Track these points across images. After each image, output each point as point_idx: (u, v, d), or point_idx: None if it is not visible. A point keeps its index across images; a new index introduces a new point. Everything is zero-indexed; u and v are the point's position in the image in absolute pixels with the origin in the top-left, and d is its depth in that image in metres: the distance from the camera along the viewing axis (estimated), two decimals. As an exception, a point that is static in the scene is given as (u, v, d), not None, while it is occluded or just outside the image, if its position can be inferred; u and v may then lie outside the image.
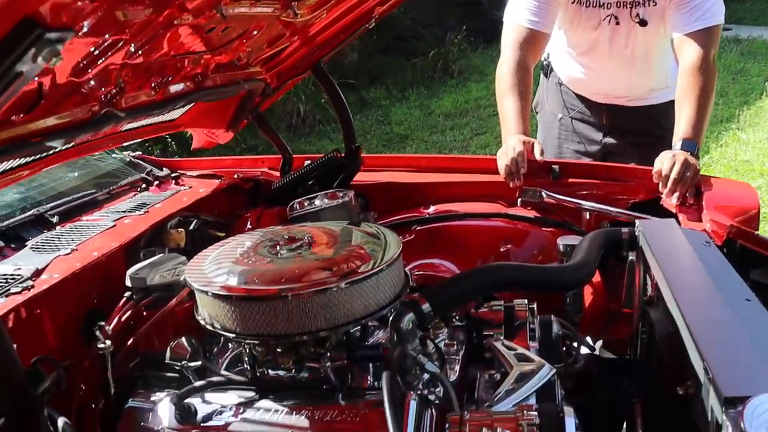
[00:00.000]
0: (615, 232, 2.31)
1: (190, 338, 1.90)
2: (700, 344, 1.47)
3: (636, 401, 2.03)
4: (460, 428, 1.58)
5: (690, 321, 1.57)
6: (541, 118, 3.75)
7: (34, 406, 1.33)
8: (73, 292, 1.96)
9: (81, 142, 2.03)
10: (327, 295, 1.66)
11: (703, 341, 1.48)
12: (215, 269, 1.82)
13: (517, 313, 2.09)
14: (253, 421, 1.70)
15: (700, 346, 1.47)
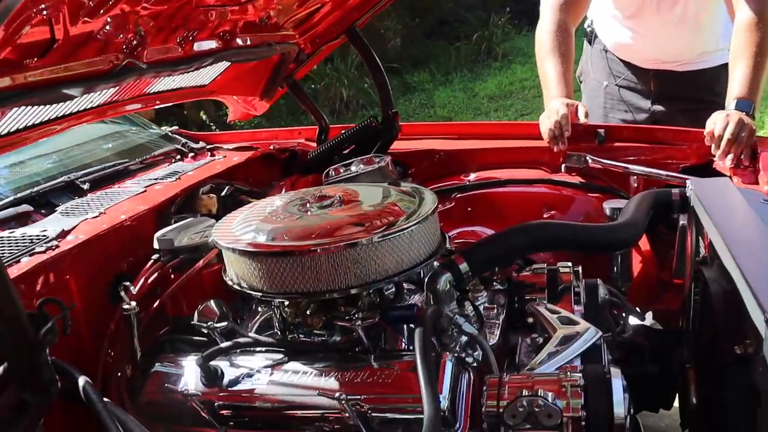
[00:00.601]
0: (665, 193, 2.18)
1: (218, 301, 1.84)
2: (762, 299, 1.35)
3: (689, 367, 1.90)
4: (498, 390, 1.48)
5: (750, 276, 1.44)
6: (585, 87, 3.59)
7: (35, 348, 1.27)
8: (100, 255, 1.91)
9: (108, 102, 1.99)
10: (357, 250, 1.57)
11: (764, 296, 1.35)
12: (243, 228, 1.75)
13: (561, 276, 1.97)
14: (281, 383, 1.62)
15: (762, 300, 1.34)
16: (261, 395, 1.62)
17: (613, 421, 1.42)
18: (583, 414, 1.42)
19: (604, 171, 2.65)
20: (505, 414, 1.43)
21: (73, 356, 1.79)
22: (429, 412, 1.33)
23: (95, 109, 1.95)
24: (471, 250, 1.77)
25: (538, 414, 1.41)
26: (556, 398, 1.43)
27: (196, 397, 1.65)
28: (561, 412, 1.41)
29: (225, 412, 1.65)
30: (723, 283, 1.63)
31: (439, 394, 1.48)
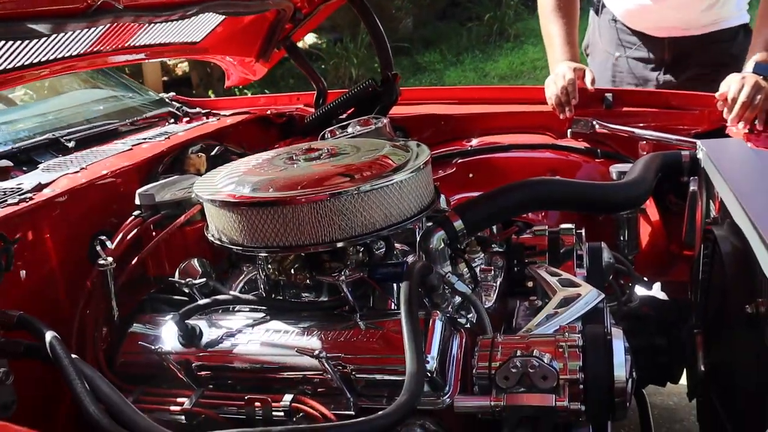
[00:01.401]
0: (674, 155, 2.07)
1: (202, 260, 1.75)
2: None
3: (697, 333, 1.79)
4: (491, 351, 1.38)
5: (764, 230, 1.34)
6: (592, 60, 3.43)
7: None
8: (78, 210, 1.82)
9: (89, 51, 1.89)
10: (341, 200, 1.47)
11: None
12: (226, 180, 1.66)
13: (563, 238, 1.87)
14: (261, 343, 1.53)
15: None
16: (240, 355, 1.53)
17: (614, 384, 1.32)
18: (581, 376, 1.32)
19: (612, 136, 2.54)
20: (497, 376, 1.33)
21: (49, 314, 1.71)
22: (411, 369, 1.23)
23: (75, 59, 1.86)
24: (466, 207, 1.67)
25: (533, 375, 1.31)
26: (552, 359, 1.33)
27: (172, 356, 1.56)
28: (557, 374, 1.31)
29: (203, 373, 1.56)
30: (734, 241, 1.53)
31: (427, 354, 1.39)
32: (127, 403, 1.31)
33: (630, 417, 2.28)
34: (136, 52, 2.08)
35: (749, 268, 1.38)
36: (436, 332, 1.43)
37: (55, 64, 1.74)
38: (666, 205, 2.52)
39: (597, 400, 1.32)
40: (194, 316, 1.63)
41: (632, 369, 1.37)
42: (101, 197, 1.90)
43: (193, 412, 1.50)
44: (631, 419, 2.28)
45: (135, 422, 1.25)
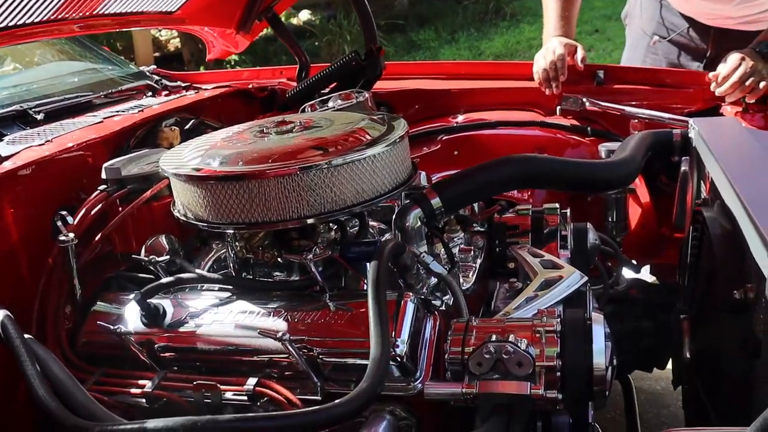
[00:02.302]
0: (665, 133, 1.99)
1: (170, 237, 1.68)
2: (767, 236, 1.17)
3: (683, 318, 1.73)
4: (464, 335, 1.31)
5: (755, 212, 1.27)
6: (629, 33, 3.26)
7: None
8: (40, 184, 1.74)
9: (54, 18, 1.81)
10: (310, 175, 1.39)
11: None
12: (192, 154, 1.58)
13: (547, 218, 1.80)
14: (226, 324, 1.46)
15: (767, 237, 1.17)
16: (204, 337, 1.46)
17: (593, 372, 1.25)
18: (558, 363, 1.25)
19: (603, 114, 2.47)
20: (470, 361, 1.26)
21: (11, 292, 1.64)
22: (375, 354, 1.16)
23: (39, 26, 1.77)
24: (444, 184, 1.60)
25: (507, 362, 1.24)
26: (529, 345, 1.26)
27: (134, 337, 1.49)
28: (533, 360, 1.24)
29: (166, 355, 1.49)
30: (723, 223, 1.46)
31: (397, 338, 1.32)
32: (79, 387, 1.25)
33: (616, 402, 2.24)
34: (106, 21, 1.98)
35: (739, 252, 1.31)
36: (407, 315, 1.36)
37: (15, 30, 1.64)
38: (657, 185, 2.45)
39: (575, 388, 1.25)
40: (159, 295, 1.56)
41: (613, 356, 1.31)
42: (66, 171, 1.82)
43: (155, 396, 1.44)
44: (617, 405, 2.22)
45: (85, 407, 1.18)
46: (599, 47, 8.54)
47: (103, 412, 1.17)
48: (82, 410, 1.17)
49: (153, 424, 1.03)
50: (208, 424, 0.98)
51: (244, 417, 1.02)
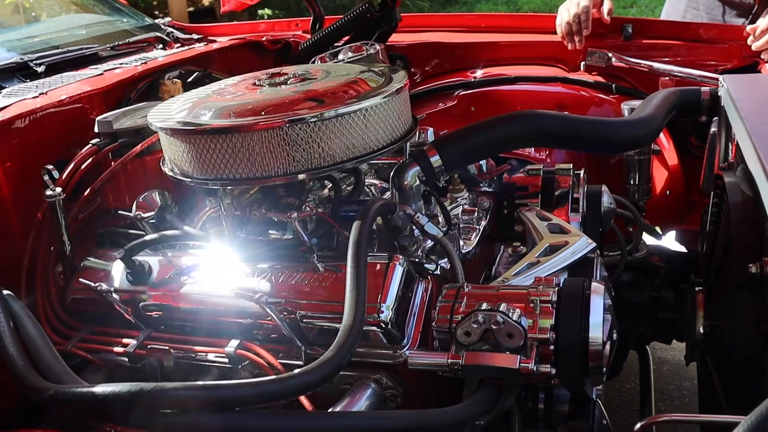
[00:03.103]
0: (692, 91, 1.85)
1: (162, 192, 1.62)
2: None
3: (699, 291, 1.62)
4: (454, 302, 1.23)
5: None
6: None
7: None
8: (32, 137, 1.69)
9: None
10: (296, 129, 1.31)
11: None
12: (181, 107, 1.51)
13: (559, 179, 1.69)
14: (209, 284, 1.40)
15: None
16: (187, 296, 1.40)
17: (588, 347, 1.16)
18: (552, 336, 1.16)
19: (630, 71, 2.33)
20: (457, 330, 1.18)
21: (2, 247, 1.61)
22: (347, 321, 1.08)
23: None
24: (445, 141, 1.50)
25: (497, 332, 1.16)
26: (521, 315, 1.17)
27: (117, 294, 1.44)
28: (524, 332, 1.15)
29: (150, 314, 1.44)
30: (744, 190, 1.34)
31: (382, 303, 1.24)
32: (49, 348, 1.20)
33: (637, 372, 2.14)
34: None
35: (758, 222, 1.20)
36: (395, 279, 1.28)
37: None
38: (687, 147, 2.32)
39: (569, 363, 1.16)
40: (148, 253, 1.51)
41: (613, 330, 1.21)
42: (60, 124, 1.76)
43: (136, 355, 1.39)
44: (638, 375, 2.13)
45: (50, 368, 1.13)
46: (642, 3, 8.23)
47: (68, 374, 1.12)
48: (47, 371, 1.13)
49: (101, 389, 0.98)
50: (154, 390, 0.92)
51: (192, 385, 0.96)
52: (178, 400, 0.92)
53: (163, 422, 0.94)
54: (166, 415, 0.93)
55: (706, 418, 0.92)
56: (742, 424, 0.76)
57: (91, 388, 0.99)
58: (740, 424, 0.77)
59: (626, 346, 2.01)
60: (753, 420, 0.77)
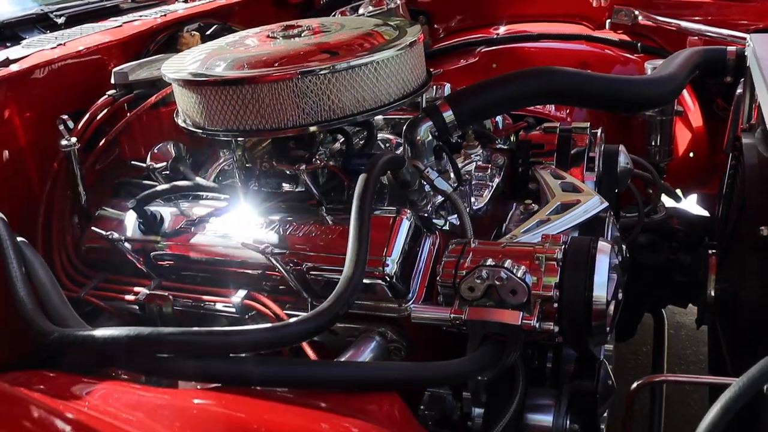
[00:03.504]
0: (717, 51, 1.80)
1: (177, 144, 1.63)
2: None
3: (712, 254, 1.59)
4: (459, 257, 1.23)
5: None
6: None
7: None
8: (49, 88, 1.69)
9: None
10: (306, 81, 1.30)
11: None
12: (194, 58, 1.50)
13: (575, 138, 1.67)
14: (218, 235, 1.41)
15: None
16: (197, 246, 1.42)
17: (592, 306, 1.15)
18: (555, 294, 1.15)
19: (657, 30, 2.28)
20: (461, 285, 1.18)
21: (19, 194, 1.63)
22: (346, 273, 1.08)
23: None
24: (459, 96, 1.48)
25: (500, 289, 1.15)
26: (526, 273, 1.17)
27: (129, 244, 1.45)
28: (528, 289, 1.14)
29: (161, 263, 1.46)
30: (762, 152, 1.30)
31: (388, 256, 1.24)
32: (58, 293, 1.22)
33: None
34: None
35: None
36: (401, 232, 1.27)
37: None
38: (713, 109, 2.27)
39: (572, 322, 1.15)
40: (162, 204, 1.52)
41: (618, 290, 1.20)
42: (78, 75, 1.77)
43: (146, 303, 1.41)
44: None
45: (57, 312, 1.15)
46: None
47: (74, 318, 1.14)
48: (55, 315, 1.15)
49: (101, 333, 0.99)
50: (151, 335, 0.94)
51: (187, 331, 0.97)
52: (174, 345, 0.94)
53: (159, 367, 0.95)
54: (162, 360, 0.95)
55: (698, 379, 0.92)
56: (732, 387, 0.75)
57: (91, 332, 1.01)
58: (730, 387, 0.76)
59: (641, 309, 1.99)
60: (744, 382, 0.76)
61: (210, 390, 0.91)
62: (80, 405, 0.83)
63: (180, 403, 0.83)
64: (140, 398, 0.86)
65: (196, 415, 0.80)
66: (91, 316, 1.53)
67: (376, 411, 0.92)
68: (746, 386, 0.74)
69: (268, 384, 0.94)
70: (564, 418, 1.28)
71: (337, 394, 0.95)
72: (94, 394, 0.89)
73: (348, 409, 0.90)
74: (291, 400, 0.90)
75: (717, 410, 0.73)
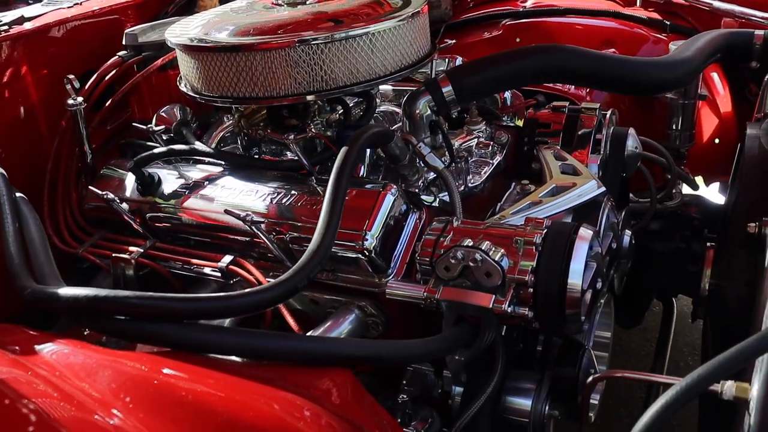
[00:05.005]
0: (743, 34, 1.72)
1: (183, 107, 1.64)
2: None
3: (710, 247, 1.54)
4: (439, 236, 1.22)
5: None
6: None
7: None
8: (60, 46, 1.72)
9: None
10: (298, 51, 1.29)
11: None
12: (198, 24, 1.51)
13: (584, 119, 1.62)
14: (209, 199, 1.42)
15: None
16: (188, 210, 1.43)
17: (566, 293, 1.13)
18: (530, 279, 1.14)
19: (690, 9, 2.19)
20: (437, 265, 1.17)
21: (28, 152, 1.67)
22: (313, 246, 1.08)
23: None
24: (460, 71, 1.46)
25: (475, 270, 1.14)
26: (504, 255, 1.15)
27: (126, 204, 1.48)
28: (502, 272, 1.13)
29: (156, 225, 1.48)
30: (764, 144, 1.25)
31: (367, 231, 1.24)
32: (45, 250, 1.24)
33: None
34: None
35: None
36: (383, 208, 1.26)
37: None
38: (745, 95, 2.19)
39: (545, 308, 1.14)
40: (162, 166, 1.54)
41: (597, 279, 1.17)
42: (93, 35, 1.79)
43: (139, 263, 1.43)
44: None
45: (40, 269, 1.18)
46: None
47: (53, 276, 1.16)
48: (38, 272, 1.17)
49: (65, 292, 1.01)
50: (108, 297, 0.95)
51: (144, 295, 0.98)
52: (130, 308, 0.95)
53: (116, 328, 0.97)
54: (119, 321, 0.96)
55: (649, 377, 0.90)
56: (672, 388, 0.74)
57: (57, 290, 1.03)
58: (671, 388, 0.74)
59: (648, 297, 1.95)
60: (687, 383, 0.74)
61: (155, 355, 0.92)
62: (21, 359, 0.85)
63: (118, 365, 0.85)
64: (86, 358, 0.88)
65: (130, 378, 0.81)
66: (89, 273, 1.57)
67: (327, 386, 0.92)
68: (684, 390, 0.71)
69: (216, 351, 0.95)
70: (543, 403, 1.27)
71: (291, 367, 0.96)
72: (43, 350, 0.91)
73: (297, 382, 0.91)
74: (238, 371, 0.91)
75: (651, 413, 0.71)
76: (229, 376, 0.86)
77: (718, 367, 0.72)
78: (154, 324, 0.95)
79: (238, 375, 0.87)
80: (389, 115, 1.66)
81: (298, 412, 0.84)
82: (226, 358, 0.97)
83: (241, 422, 0.81)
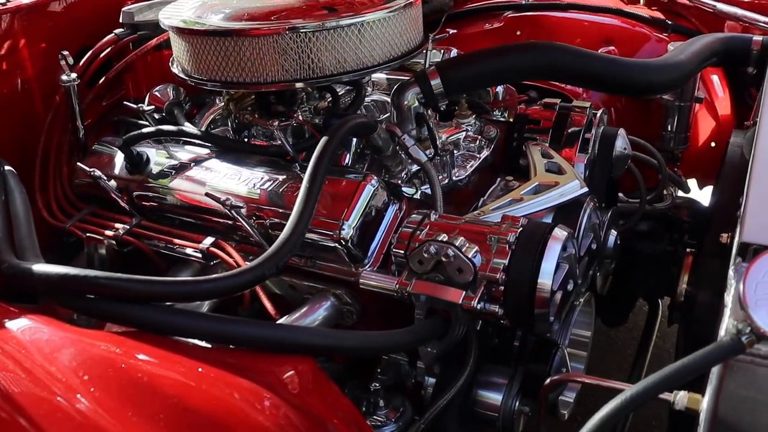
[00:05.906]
0: (741, 39, 1.71)
1: (177, 87, 1.65)
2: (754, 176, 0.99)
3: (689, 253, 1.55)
4: (416, 229, 1.23)
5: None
6: None
7: None
8: (58, 23, 1.73)
9: None
10: (287, 39, 1.30)
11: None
12: (193, 6, 1.51)
13: (574, 117, 1.62)
14: (195, 181, 1.43)
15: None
16: (172, 190, 1.44)
17: (535, 293, 1.14)
18: (501, 276, 1.15)
19: (694, 10, 2.18)
20: (411, 258, 1.18)
21: (24, 125, 1.69)
22: (284, 234, 1.09)
23: None
24: (450, 64, 1.47)
25: (447, 266, 1.15)
26: (477, 252, 1.16)
27: (112, 181, 1.49)
28: (474, 268, 1.14)
29: (142, 203, 1.49)
30: (745, 153, 1.25)
31: (345, 221, 1.25)
32: (28, 224, 1.26)
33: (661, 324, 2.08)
34: None
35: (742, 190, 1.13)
36: (362, 198, 1.27)
37: None
38: (745, 99, 2.18)
39: (515, 306, 1.15)
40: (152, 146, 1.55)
41: (569, 280, 1.18)
42: (92, 12, 1.80)
43: (123, 240, 1.45)
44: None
45: (21, 242, 1.20)
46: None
47: (32, 251, 1.17)
48: (19, 246, 1.19)
49: (37, 268, 1.03)
50: (77, 276, 0.97)
51: (113, 276, 0.99)
52: (99, 288, 0.97)
53: (84, 306, 0.99)
54: (87, 300, 0.98)
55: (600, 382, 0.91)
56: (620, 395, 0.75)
57: (32, 266, 1.04)
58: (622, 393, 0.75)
59: (634, 297, 1.95)
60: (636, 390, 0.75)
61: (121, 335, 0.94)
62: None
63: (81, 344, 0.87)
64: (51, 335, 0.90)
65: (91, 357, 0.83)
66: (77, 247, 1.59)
67: (288, 373, 0.94)
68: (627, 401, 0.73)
69: (179, 334, 0.97)
70: (514, 399, 1.29)
71: (254, 354, 0.97)
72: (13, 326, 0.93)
73: (259, 369, 0.92)
74: (202, 355, 0.93)
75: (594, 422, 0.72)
76: (192, 361, 0.88)
77: (664, 379, 0.73)
78: (119, 304, 0.97)
79: (201, 359, 0.88)
80: (380, 105, 1.67)
81: (259, 402, 0.86)
82: (193, 341, 0.99)
83: (200, 409, 0.82)
